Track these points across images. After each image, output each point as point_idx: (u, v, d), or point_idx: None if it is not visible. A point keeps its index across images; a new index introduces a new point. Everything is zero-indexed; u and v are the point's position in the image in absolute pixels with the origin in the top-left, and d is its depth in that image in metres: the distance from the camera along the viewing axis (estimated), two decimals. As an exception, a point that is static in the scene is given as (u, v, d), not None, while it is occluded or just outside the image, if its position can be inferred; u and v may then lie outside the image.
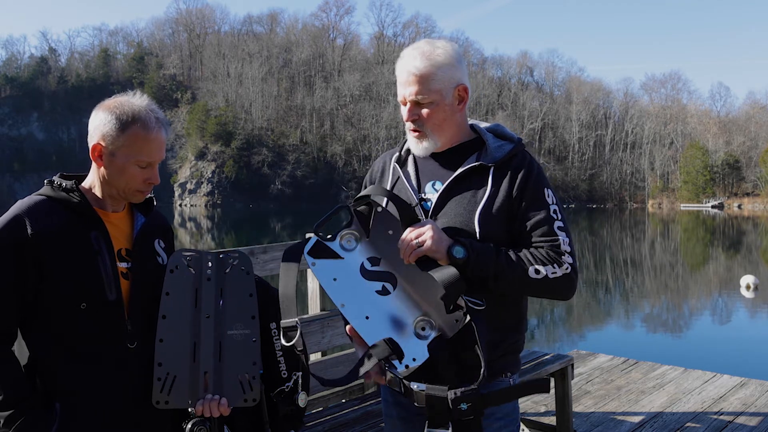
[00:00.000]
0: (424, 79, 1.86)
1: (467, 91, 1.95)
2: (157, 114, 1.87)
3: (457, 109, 1.94)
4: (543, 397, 4.89)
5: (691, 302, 16.35)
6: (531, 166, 1.91)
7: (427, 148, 1.94)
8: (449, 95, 1.90)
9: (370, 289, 1.75)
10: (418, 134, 1.93)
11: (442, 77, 1.87)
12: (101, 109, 1.86)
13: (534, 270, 1.78)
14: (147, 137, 1.83)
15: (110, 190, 1.89)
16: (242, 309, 1.91)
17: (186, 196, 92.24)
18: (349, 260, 1.78)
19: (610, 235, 42.77)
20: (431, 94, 1.87)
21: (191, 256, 1.91)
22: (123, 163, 1.84)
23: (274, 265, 3.36)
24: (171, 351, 1.83)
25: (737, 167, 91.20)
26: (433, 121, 1.90)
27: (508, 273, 1.77)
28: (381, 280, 1.76)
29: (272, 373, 2.01)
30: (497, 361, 1.92)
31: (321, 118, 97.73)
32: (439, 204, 1.89)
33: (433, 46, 1.90)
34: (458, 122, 1.96)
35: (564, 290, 1.84)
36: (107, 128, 1.83)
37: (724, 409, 4.58)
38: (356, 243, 1.80)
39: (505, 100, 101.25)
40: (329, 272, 1.77)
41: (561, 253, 1.82)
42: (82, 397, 1.79)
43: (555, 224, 1.85)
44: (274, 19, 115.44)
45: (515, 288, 1.82)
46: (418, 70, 1.86)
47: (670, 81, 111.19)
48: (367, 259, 1.78)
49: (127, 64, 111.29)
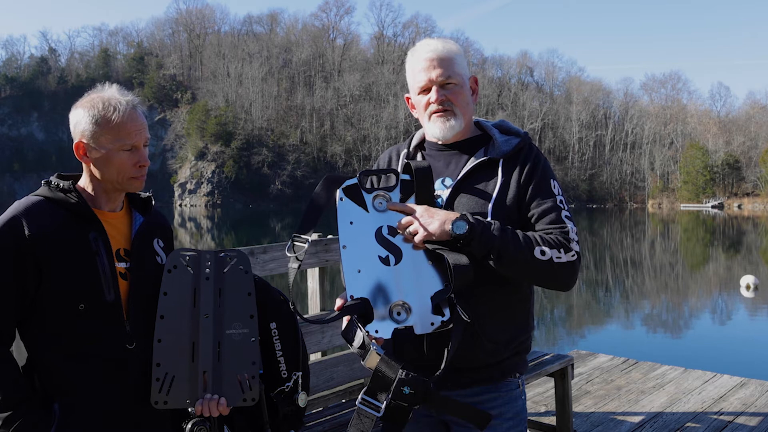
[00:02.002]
0: (448, 62, 1.90)
1: (478, 83, 2.01)
2: (126, 97, 1.87)
3: (472, 99, 1.99)
4: (543, 397, 4.89)
5: (691, 302, 16.35)
6: (538, 157, 1.93)
7: (454, 127, 1.93)
8: (467, 83, 1.95)
9: (375, 251, 1.76)
10: (445, 113, 1.93)
11: (461, 63, 1.94)
12: (74, 109, 1.88)
13: (540, 251, 1.77)
14: (121, 120, 1.82)
15: (105, 186, 1.88)
16: (241, 308, 1.90)
17: (186, 196, 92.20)
18: (372, 217, 1.80)
19: (610, 235, 42.76)
20: (456, 76, 1.91)
21: (190, 255, 1.91)
22: (107, 153, 1.84)
23: (274, 265, 3.35)
24: (169, 351, 1.82)
25: (737, 167, 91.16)
26: (460, 101, 1.93)
27: (512, 250, 1.75)
28: (389, 250, 1.77)
29: (272, 373, 2.01)
30: (509, 360, 1.93)
31: (321, 118, 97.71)
32: (450, 200, 1.90)
33: (443, 38, 1.97)
34: (472, 113, 2.00)
35: (566, 277, 1.82)
36: (83, 124, 1.84)
37: (724, 409, 4.58)
38: (386, 207, 1.82)
39: (505, 100, 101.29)
40: (350, 214, 1.79)
41: (569, 239, 1.82)
42: (80, 398, 1.78)
43: (562, 213, 1.86)
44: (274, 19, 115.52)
45: (519, 268, 1.78)
46: (440, 54, 1.91)
47: (670, 81, 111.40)
48: (387, 226, 1.79)
49: (127, 64, 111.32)
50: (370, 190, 1.83)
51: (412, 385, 1.61)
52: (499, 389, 1.93)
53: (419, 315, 1.71)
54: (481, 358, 1.88)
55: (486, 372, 1.90)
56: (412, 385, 1.61)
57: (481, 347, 1.86)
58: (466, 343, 1.76)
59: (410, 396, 1.61)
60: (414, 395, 1.61)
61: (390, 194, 1.84)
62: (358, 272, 1.73)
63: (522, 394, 2.00)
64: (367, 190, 1.83)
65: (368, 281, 1.73)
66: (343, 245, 1.76)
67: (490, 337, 1.87)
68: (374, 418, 1.64)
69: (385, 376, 1.63)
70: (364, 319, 1.69)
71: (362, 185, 1.83)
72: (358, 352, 1.67)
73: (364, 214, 1.80)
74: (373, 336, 1.67)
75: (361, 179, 1.84)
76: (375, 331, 1.68)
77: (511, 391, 1.95)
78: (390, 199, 1.83)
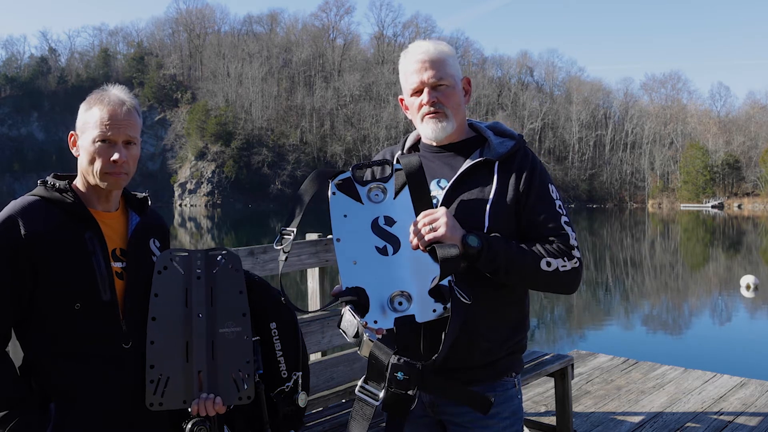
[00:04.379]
0: (440, 63, 1.91)
1: (470, 84, 2.02)
2: (120, 94, 1.88)
3: (464, 101, 1.98)
4: (543, 397, 4.89)
5: (691, 302, 16.34)
6: (535, 162, 1.94)
7: (446, 128, 1.94)
8: (459, 84, 1.96)
9: (371, 242, 1.76)
10: (437, 115, 1.93)
11: (453, 64, 1.94)
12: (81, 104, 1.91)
13: (546, 263, 1.80)
14: (102, 113, 1.84)
15: (88, 179, 1.89)
16: (233, 307, 1.90)
17: (186, 196, 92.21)
18: (367, 209, 1.80)
19: (610, 235, 42.76)
20: (448, 77, 1.92)
21: (180, 256, 1.90)
22: (86, 143, 1.85)
23: (274, 265, 3.35)
24: (163, 352, 1.82)
25: (737, 167, 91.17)
26: (452, 103, 1.93)
27: (520, 264, 1.78)
28: (386, 240, 1.76)
29: (272, 373, 2.01)
30: (504, 360, 1.93)
31: (321, 118, 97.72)
32: (446, 201, 1.90)
33: (435, 40, 1.97)
34: (464, 114, 2.00)
35: (571, 283, 1.87)
36: (78, 117, 1.89)
37: (724, 409, 4.58)
38: (383, 198, 1.82)
39: (505, 100, 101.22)
40: (344, 207, 1.79)
41: (571, 247, 1.84)
42: (77, 398, 1.78)
43: (562, 219, 1.88)
44: (274, 19, 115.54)
45: (526, 280, 1.84)
46: (432, 56, 1.91)
47: (670, 81, 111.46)
48: (384, 216, 1.79)
49: (127, 64, 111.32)
50: (364, 182, 1.83)
51: (405, 370, 1.61)
52: (495, 389, 1.93)
53: (420, 303, 1.70)
54: (477, 358, 1.88)
55: (481, 372, 1.90)
56: (405, 370, 1.61)
57: (477, 347, 1.86)
58: (461, 342, 1.75)
59: (405, 381, 1.62)
60: (408, 380, 1.61)
61: (385, 185, 1.83)
62: (353, 264, 1.73)
63: (518, 394, 2.00)
64: (362, 183, 1.83)
65: (365, 272, 1.72)
66: (336, 238, 1.75)
67: (486, 336, 1.87)
68: (374, 406, 1.65)
69: (378, 361, 1.64)
70: (359, 309, 1.69)
71: (356, 179, 1.83)
72: (354, 341, 1.67)
73: (358, 207, 1.80)
74: (373, 327, 1.67)
75: (355, 173, 1.84)
76: (374, 321, 1.67)
77: (507, 391, 1.96)
78: (386, 190, 1.83)
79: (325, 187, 1.84)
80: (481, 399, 1.72)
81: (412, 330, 1.70)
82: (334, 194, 1.80)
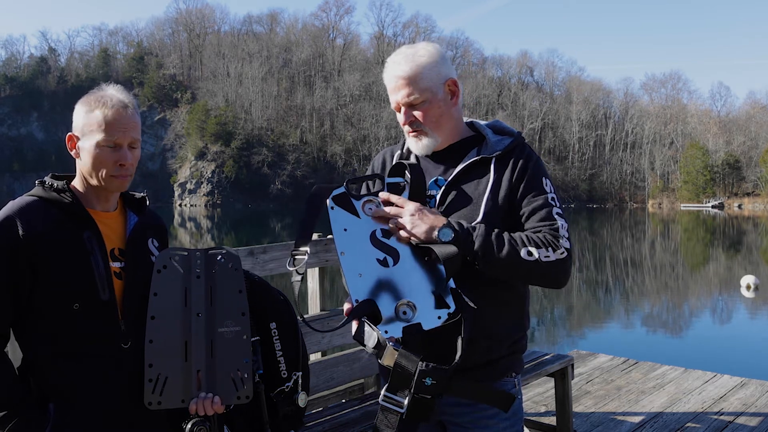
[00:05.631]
0: (412, 80, 1.88)
1: (457, 85, 1.96)
2: (121, 96, 1.87)
3: (451, 104, 1.95)
4: (543, 397, 4.89)
5: (691, 302, 16.34)
6: (530, 156, 1.93)
7: (428, 146, 1.94)
8: (440, 91, 1.92)
9: (372, 255, 1.78)
10: (417, 133, 1.93)
11: (429, 75, 1.89)
12: (77, 105, 1.90)
13: (526, 252, 1.76)
14: (107, 116, 1.82)
15: (90, 182, 1.88)
16: (232, 306, 1.90)
17: (186, 196, 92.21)
18: (364, 223, 1.82)
19: (610, 235, 42.76)
20: (422, 93, 1.88)
21: (179, 255, 1.90)
22: (90, 147, 1.84)
23: (274, 265, 3.35)
24: (161, 351, 1.82)
25: (737, 167, 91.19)
26: (430, 119, 1.91)
27: (497, 252, 1.75)
28: (385, 252, 1.78)
29: (272, 373, 2.01)
30: (504, 360, 1.93)
31: (321, 118, 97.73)
32: (443, 199, 1.90)
33: (414, 48, 1.93)
34: (455, 117, 1.97)
35: (557, 275, 1.80)
36: (77, 118, 1.87)
37: (725, 410, 4.58)
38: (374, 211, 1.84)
39: (505, 100, 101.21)
40: (343, 222, 1.81)
41: (558, 237, 1.80)
42: (76, 398, 1.78)
43: (553, 210, 1.85)
44: (274, 19, 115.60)
45: (506, 269, 1.78)
46: (405, 73, 1.88)
47: (670, 81, 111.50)
48: (380, 229, 1.81)
49: (127, 64, 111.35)
50: (358, 196, 1.84)
51: (433, 376, 1.62)
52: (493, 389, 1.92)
53: (424, 311, 1.72)
54: (477, 358, 1.88)
55: (482, 371, 1.90)
56: (433, 375, 1.62)
57: (477, 347, 1.86)
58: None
59: (432, 386, 1.62)
60: (436, 385, 1.62)
61: (376, 197, 1.85)
62: (359, 276, 1.75)
63: (518, 394, 2.00)
64: (356, 197, 1.84)
65: (370, 284, 1.74)
66: (341, 252, 1.77)
67: (485, 336, 1.87)
68: (398, 414, 1.66)
69: (405, 370, 1.64)
70: (373, 319, 1.70)
71: (350, 193, 1.84)
72: (373, 351, 1.68)
73: (356, 221, 1.81)
74: (382, 336, 1.68)
75: (349, 187, 1.85)
76: (384, 332, 1.69)
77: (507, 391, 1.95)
78: (379, 204, 1.84)
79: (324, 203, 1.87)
80: (505, 396, 1.75)
81: (420, 337, 1.71)
82: (333, 209, 1.82)
